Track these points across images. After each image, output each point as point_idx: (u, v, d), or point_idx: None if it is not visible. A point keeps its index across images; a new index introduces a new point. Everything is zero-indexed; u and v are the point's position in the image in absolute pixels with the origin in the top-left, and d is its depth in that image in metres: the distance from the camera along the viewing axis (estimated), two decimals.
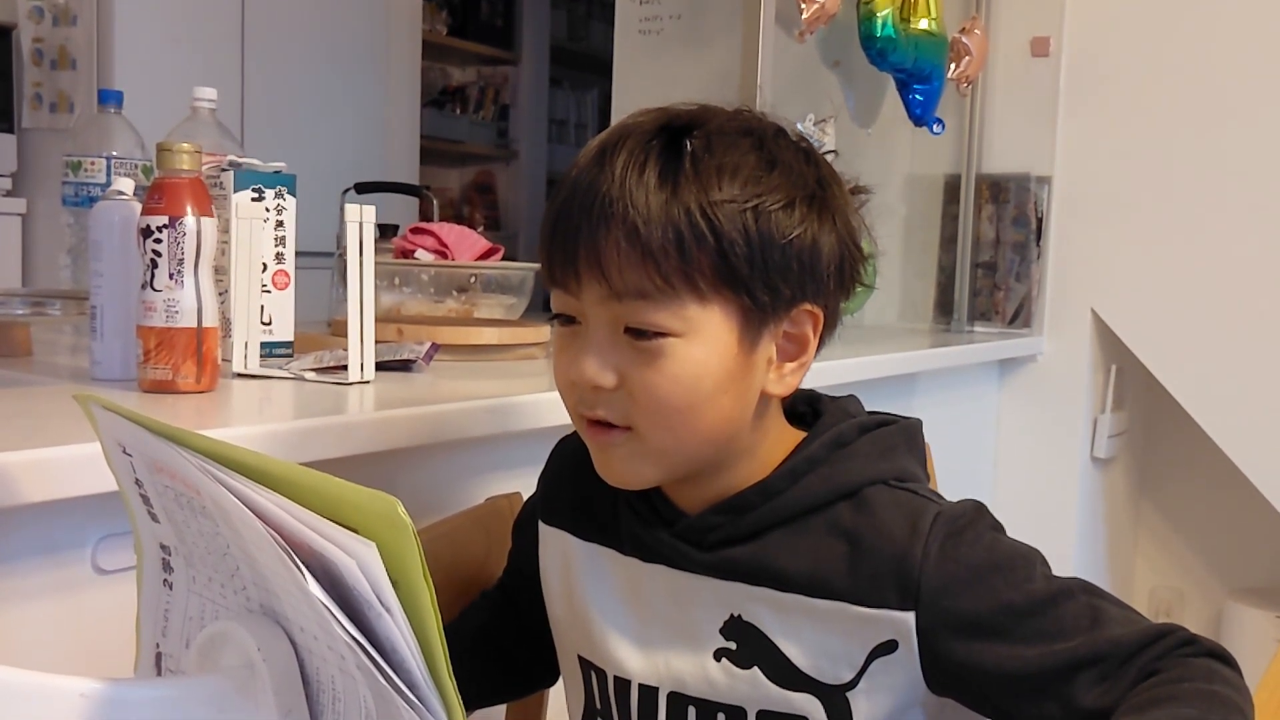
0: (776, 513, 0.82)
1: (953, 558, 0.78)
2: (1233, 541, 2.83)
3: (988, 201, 2.63)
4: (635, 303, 0.76)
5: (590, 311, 0.78)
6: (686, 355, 0.77)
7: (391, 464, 1.12)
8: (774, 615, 0.81)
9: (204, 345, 1.06)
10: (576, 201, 0.78)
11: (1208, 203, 2.44)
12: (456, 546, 1.05)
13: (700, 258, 0.75)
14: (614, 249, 0.75)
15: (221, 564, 0.68)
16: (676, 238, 0.75)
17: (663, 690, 0.86)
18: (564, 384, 0.82)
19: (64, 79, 3.00)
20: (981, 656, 0.77)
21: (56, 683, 0.62)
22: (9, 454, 0.79)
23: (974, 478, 2.57)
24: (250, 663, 0.64)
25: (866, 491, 0.81)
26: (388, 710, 0.60)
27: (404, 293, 1.64)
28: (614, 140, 0.78)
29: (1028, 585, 0.77)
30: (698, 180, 0.76)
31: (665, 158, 0.77)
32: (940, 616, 0.77)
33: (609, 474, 0.83)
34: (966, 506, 0.81)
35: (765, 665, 0.82)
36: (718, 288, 0.76)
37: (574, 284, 0.78)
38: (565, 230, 0.78)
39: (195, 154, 1.06)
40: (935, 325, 2.68)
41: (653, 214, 0.75)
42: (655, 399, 0.78)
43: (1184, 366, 2.51)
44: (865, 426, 0.85)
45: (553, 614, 0.93)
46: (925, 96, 2.26)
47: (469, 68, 4.91)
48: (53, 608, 0.88)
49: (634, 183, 0.76)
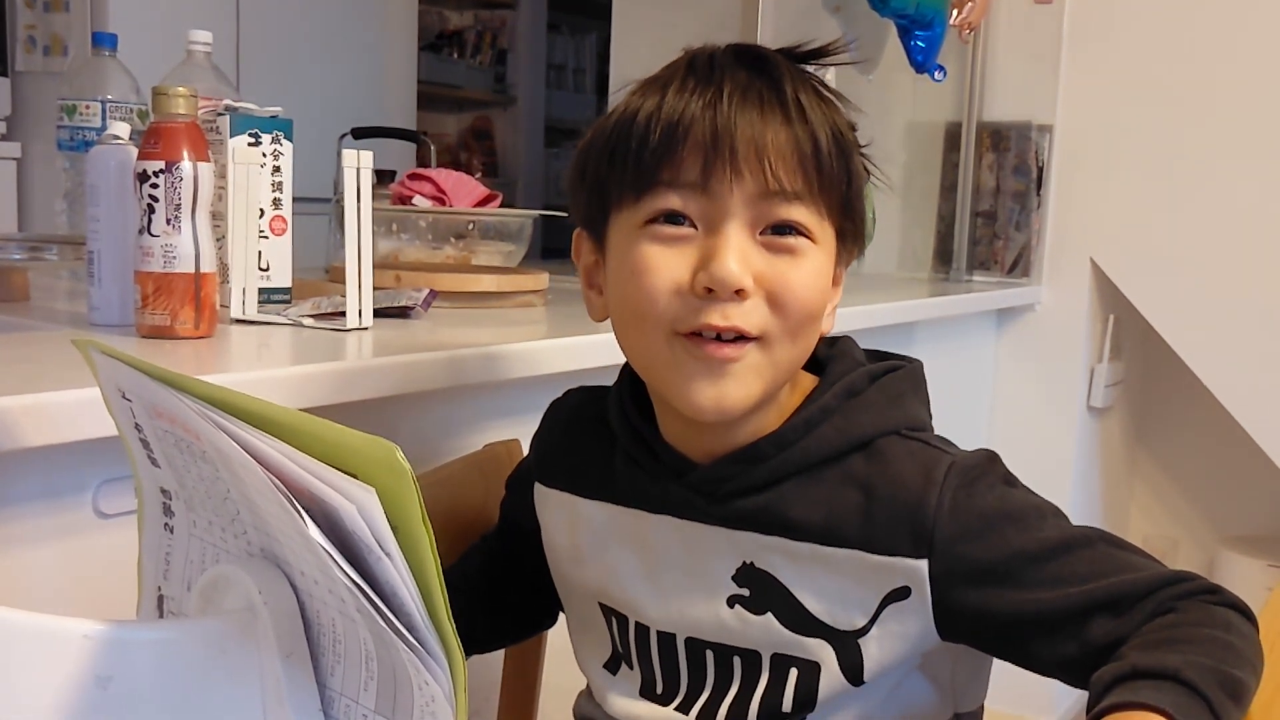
0: (790, 463, 0.82)
1: (965, 507, 0.78)
2: (1227, 490, 2.85)
3: (988, 150, 2.62)
4: (790, 204, 0.77)
5: (732, 210, 0.76)
6: (820, 260, 0.79)
7: (390, 410, 1.12)
8: (787, 563, 0.82)
9: (202, 291, 1.06)
10: (728, 99, 0.76)
11: (1209, 154, 2.43)
12: (455, 492, 1.06)
13: (834, 171, 0.78)
14: (785, 144, 0.76)
15: (222, 508, 0.68)
16: (839, 148, 0.78)
17: (680, 636, 0.87)
18: (669, 291, 0.77)
19: (57, 21, 2.97)
20: (995, 602, 0.77)
21: (60, 624, 0.62)
22: (9, 398, 0.79)
23: (971, 426, 2.58)
24: (251, 606, 0.65)
25: (879, 442, 0.82)
26: (388, 652, 0.60)
27: (402, 239, 1.64)
28: (739, 54, 0.81)
29: (1040, 534, 0.78)
30: (823, 101, 0.80)
31: (796, 75, 0.80)
32: (953, 563, 0.78)
33: (722, 393, 0.78)
34: (980, 457, 0.82)
35: (779, 611, 0.83)
36: (831, 207, 0.79)
37: (720, 180, 0.76)
38: (725, 123, 0.76)
39: (191, 98, 1.06)
40: (934, 274, 2.68)
41: (821, 118, 0.78)
42: (797, 299, 0.78)
43: (1182, 317, 2.51)
44: (874, 374, 0.85)
45: (561, 569, 0.94)
46: (927, 43, 2.23)
47: (466, 11, 4.86)
48: (54, 552, 0.89)
49: (801, 86, 0.79)
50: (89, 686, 0.62)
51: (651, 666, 0.89)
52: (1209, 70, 2.42)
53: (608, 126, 0.81)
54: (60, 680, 0.61)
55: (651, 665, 0.89)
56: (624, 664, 0.91)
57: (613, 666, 0.92)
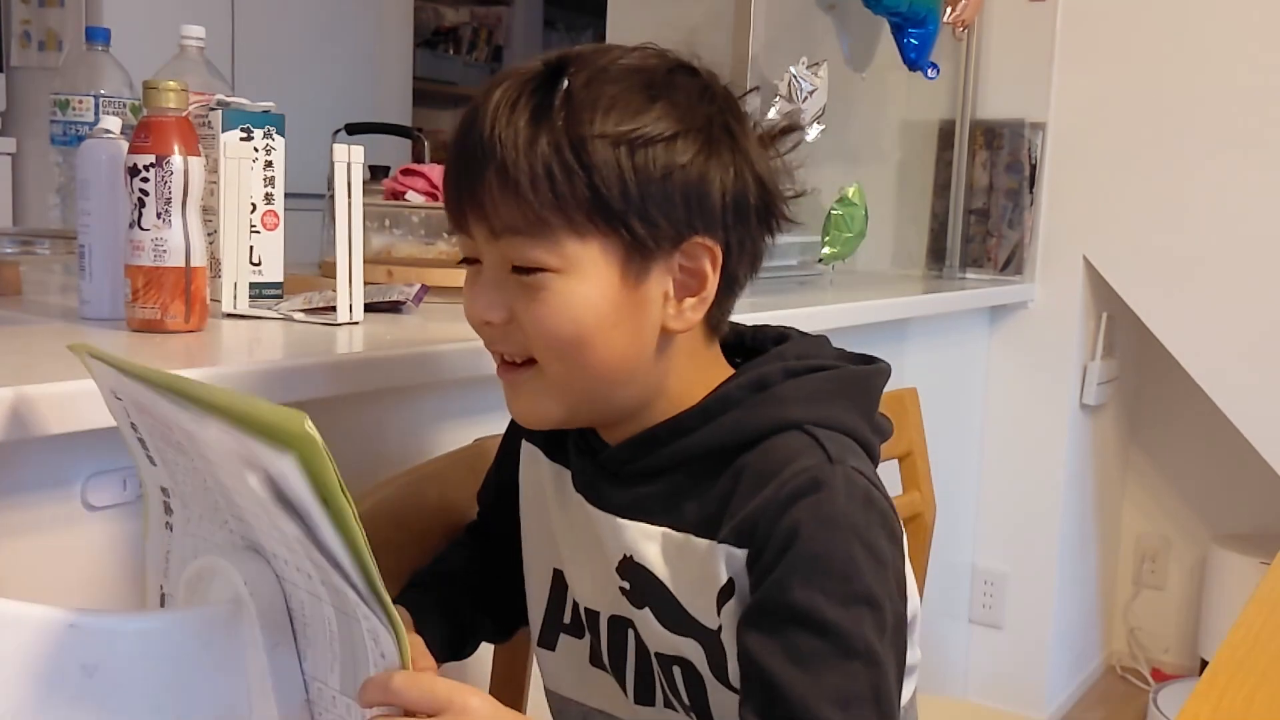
0: (685, 450, 0.82)
1: (798, 525, 0.75)
2: (1219, 488, 2.86)
3: (982, 148, 2.62)
4: (513, 240, 0.77)
5: (481, 250, 0.80)
6: (568, 290, 0.77)
7: (380, 404, 1.12)
8: (664, 555, 0.82)
9: (192, 285, 1.06)
10: (457, 143, 0.79)
11: (1202, 152, 2.43)
12: (444, 487, 1.06)
13: (571, 193, 0.75)
14: (489, 188, 0.76)
15: (205, 499, 0.69)
16: (546, 173, 0.75)
17: (604, 614, 0.88)
18: (471, 323, 0.83)
19: (52, 16, 2.97)
20: (747, 631, 0.76)
21: (46, 613, 0.63)
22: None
23: (963, 424, 2.58)
24: (237, 597, 0.65)
25: (777, 436, 0.80)
26: (348, 625, 0.61)
27: (394, 235, 1.64)
28: (496, 81, 0.79)
29: (824, 601, 0.73)
30: (568, 116, 0.76)
31: (540, 95, 0.77)
32: (759, 572, 0.76)
33: (516, 410, 0.84)
34: (859, 494, 0.77)
35: (655, 606, 0.83)
36: (593, 222, 0.76)
37: (465, 224, 0.80)
38: (452, 173, 0.80)
39: (182, 93, 1.06)
40: (927, 271, 2.68)
41: (521, 150, 0.75)
42: (543, 332, 0.79)
43: (1174, 315, 2.51)
44: (793, 371, 0.83)
45: (525, 531, 0.95)
46: (920, 41, 2.24)
47: (462, 8, 4.85)
48: (42, 543, 0.89)
49: (505, 121, 0.76)
50: (75, 675, 0.62)
51: (589, 637, 0.90)
52: (1201, 69, 2.42)
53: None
54: (46, 668, 0.62)
55: (587, 635, 0.90)
56: (571, 635, 0.92)
57: (550, 641, 0.93)
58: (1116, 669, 2.97)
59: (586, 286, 0.77)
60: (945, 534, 1.71)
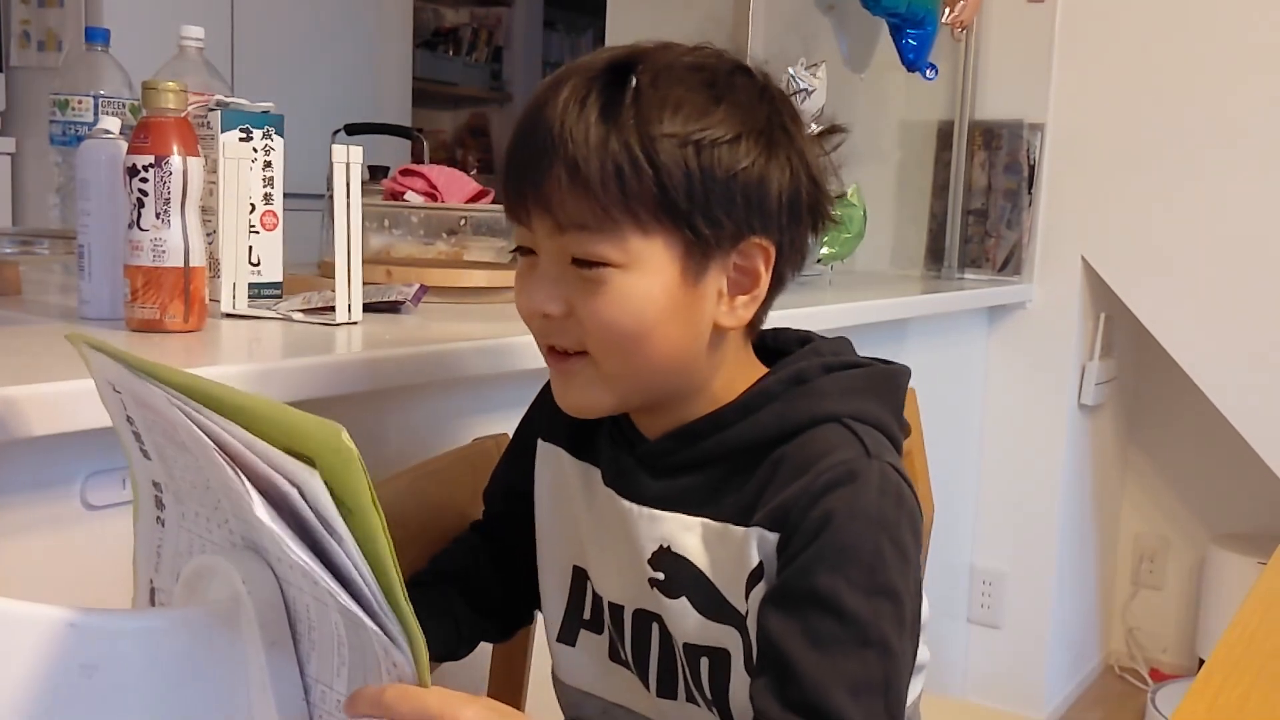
0: (726, 443, 0.83)
1: (830, 515, 0.76)
2: (1217, 488, 2.86)
3: (980, 148, 2.63)
4: (578, 234, 0.78)
5: (541, 244, 0.81)
6: (629, 285, 0.78)
7: (379, 404, 1.13)
8: (705, 543, 0.83)
9: (191, 285, 1.07)
10: (522, 138, 0.80)
11: (1200, 152, 2.43)
12: (444, 486, 1.06)
13: (639, 190, 0.77)
14: (556, 183, 0.77)
15: (205, 498, 0.69)
16: (616, 171, 0.76)
17: (628, 609, 0.89)
18: (523, 314, 0.84)
19: (51, 16, 2.97)
20: (768, 611, 0.77)
21: (45, 612, 0.63)
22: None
23: (962, 424, 2.58)
24: (235, 595, 0.65)
25: (816, 428, 0.81)
26: (357, 634, 0.61)
27: (393, 235, 1.64)
28: (562, 77, 0.80)
29: (847, 588, 0.75)
30: (638, 114, 0.77)
31: (609, 93, 0.78)
32: (787, 557, 0.78)
33: (566, 400, 0.85)
34: (892, 490, 0.78)
35: (692, 595, 0.84)
36: (659, 219, 0.78)
37: (525, 218, 0.80)
38: (515, 166, 0.80)
39: (181, 93, 1.06)
40: (926, 272, 2.68)
41: (592, 148, 0.76)
42: (601, 326, 0.79)
43: (1172, 315, 2.51)
44: (830, 366, 0.85)
45: (542, 529, 0.95)
46: (919, 41, 2.24)
47: (462, 9, 4.86)
48: (42, 543, 0.89)
49: (575, 118, 0.77)
50: (74, 675, 0.62)
51: (610, 632, 0.91)
52: (1200, 69, 2.42)
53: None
54: (45, 668, 0.62)
55: (608, 630, 0.91)
56: (590, 631, 0.93)
57: (570, 637, 0.94)
58: (1115, 669, 2.97)
59: (647, 282, 0.79)
60: (944, 534, 1.71)
